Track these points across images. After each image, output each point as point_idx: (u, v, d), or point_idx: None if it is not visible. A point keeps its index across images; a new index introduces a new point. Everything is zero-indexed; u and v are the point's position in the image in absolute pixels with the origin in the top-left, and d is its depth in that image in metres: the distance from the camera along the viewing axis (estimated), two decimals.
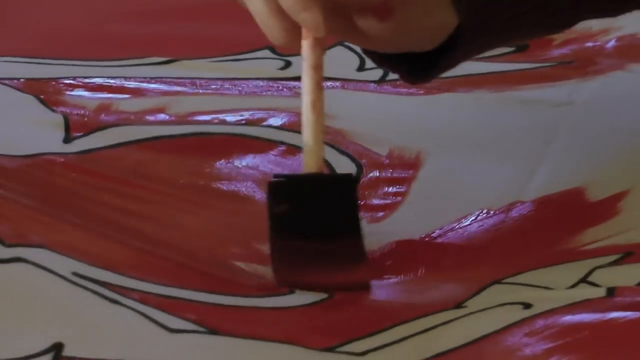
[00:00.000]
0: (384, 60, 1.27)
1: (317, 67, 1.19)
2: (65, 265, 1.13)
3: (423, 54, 1.26)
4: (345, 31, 1.21)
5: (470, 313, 1.11)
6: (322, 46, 1.19)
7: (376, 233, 1.23)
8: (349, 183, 1.22)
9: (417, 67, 1.27)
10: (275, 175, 1.22)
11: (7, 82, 1.43)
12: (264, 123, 1.39)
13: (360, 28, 1.21)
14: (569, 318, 1.09)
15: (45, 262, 1.13)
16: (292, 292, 1.18)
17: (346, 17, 1.20)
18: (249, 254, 1.22)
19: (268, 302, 1.15)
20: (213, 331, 1.09)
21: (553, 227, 1.25)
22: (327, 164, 1.32)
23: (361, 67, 1.49)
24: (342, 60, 1.50)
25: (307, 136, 1.19)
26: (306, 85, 1.20)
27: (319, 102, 1.20)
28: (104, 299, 1.10)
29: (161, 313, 1.09)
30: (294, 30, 1.18)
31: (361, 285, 1.18)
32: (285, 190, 1.21)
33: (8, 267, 1.13)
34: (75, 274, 1.12)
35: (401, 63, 1.28)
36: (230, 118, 1.39)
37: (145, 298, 1.12)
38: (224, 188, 1.31)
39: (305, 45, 1.19)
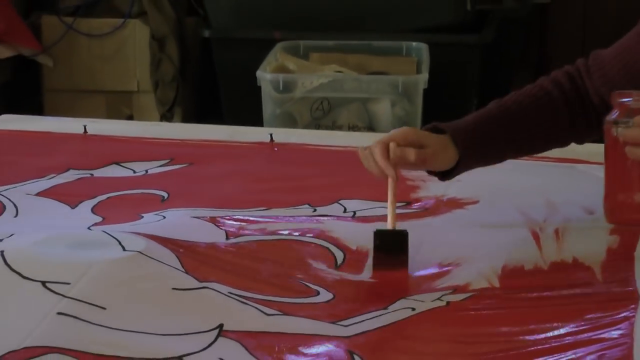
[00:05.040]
0: (431, 173, 1.28)
1: (394, 192, 1.21)
2: (225, 289, 1.14)
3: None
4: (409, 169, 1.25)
5: (393, 311, 1.14)
6: (395, 181, 1.21)
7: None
8: (404, 234, 1.23)
9: (444, 176, 1.28)
10: (377, 229, 1.24)
11: (200, 218, 1.38)
12: (306, 234, 1.34)
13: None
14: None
15: (216, 288, 1.14)
16: (318, 294, 1.19)
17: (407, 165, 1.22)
18: (302, 277, 1.23)
19: (309, 300, 1.17)
20: (285, 313, 1.12)
21: (425, 274, 1.25)
22: (330, 252, 1.31)
23: (345, 211, 1.43)
24: (337, 209, 1.43)
25: (389, 215, 1.22)
26: (389, 192, 1.21)
27: (393, 204, 1.21)
28: (241, 302, 1.13)
29: (264, 307, 1.12)
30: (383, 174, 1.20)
31: (401, 271, 1.22)
32: (380, 234, 1.23)
33: (201, 291, 1.13)
34: (230, 292, 1.14)
35: (437, 175, 1.28)
36: (295, 233, 1.34)
37: (257, 301, 1.14)
38: (288, 254, 1.29)
39: (390, 181, 1.21)
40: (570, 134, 1.32)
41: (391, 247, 1.23)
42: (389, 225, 1.23)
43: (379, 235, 1.23)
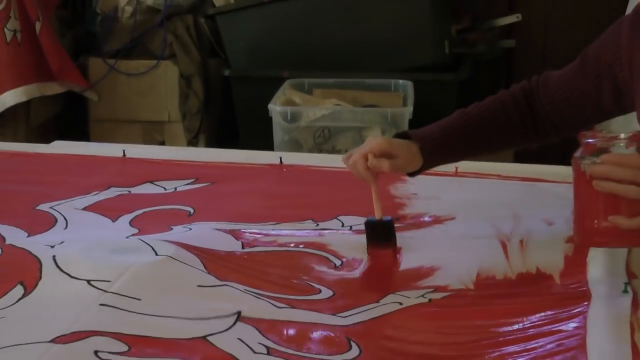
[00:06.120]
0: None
1: (377, 192, 1.24)
2: (242, 287, 1.15)
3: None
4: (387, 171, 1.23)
5: (384, 304, 1.14)
6: (376, 185, 1.23)
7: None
8: (391, 222, 1.26)
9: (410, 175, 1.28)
10: (367, 220, 1.26)
11: (222, 231, 1.36)
12: (309, 247, 1.32)
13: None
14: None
15: (235, 286, 1.15)
16: (320, 292, 1.18)
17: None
18: (307, 278, 1.22)
19: (313, 297, 1.17)
20: (293, 307, 1.12)
21: (410, 276, 1.24)
22: (330, 261, 1.30)
23: (342, 226, 1.41)
24: (336, 224, 1.41)
25: (375, 207, 1.24)
26: (373, 193, 1.24)
27: (377, 200, 1.24)
28: (255, 297, 1.13)
29: (275, 302, 1.12)
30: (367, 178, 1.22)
31: (392, 255, 1.24)
32: (370, 224, 1.26)
33: (222, 287, 1.14)
34: (246, 289, 1.14)
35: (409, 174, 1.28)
36: (300, 246, 1.32)
37: (269, 297, 1.14)
38: (294, 262, 1.27)
39: (372, 185, 1.25)
40: (521, 141, 1.31)
41: (380, 232, 1.26)
42: (377, 216, 1.25)
43: (370, 224, 1.26)
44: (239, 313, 1.06)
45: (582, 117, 1.25)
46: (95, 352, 0.93)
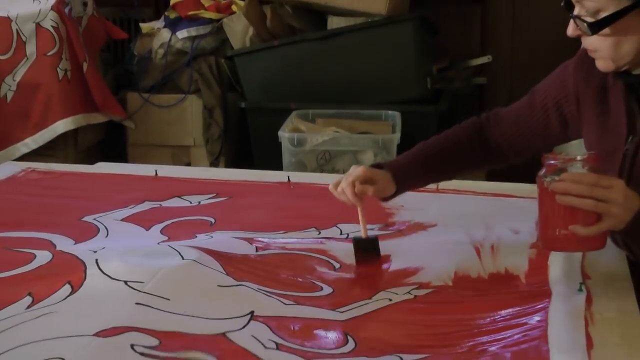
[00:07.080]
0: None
1: (363, 214, 1.23)
2: (255, 286, 1.13)
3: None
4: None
5: (375, 300, 1.14)
6: (362, 208, 1.23)
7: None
8: (376, 239, 1.25)
9: (385, 200, 1.28)
10: (354, 237, 1.25)
11: (239, 239, 1.35)
12: (313, 253, 1.31)
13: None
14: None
15: (249, 286, 1.13)
16: (321, 289, 1.17)
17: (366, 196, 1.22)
18: (311, 277, 1.21)
19: (315, 294, 1.16)
20: (298, 304, 1.11)
21: (398, 275, 1.22)
22: (330, 263, 1.29)
23: (341, 233, 1.39)
24: (335, 232, 1.41)
25: (362, 228, 1.23)
26: (360, 215, 1.23)
27: (363, 221, 1.23)
28: (266, 295, 1.12)
29: (284, 299, 1.11)
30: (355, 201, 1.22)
31: (376, 263, 1.22)
32: (357, 240, 1.25)
33: (238, 287, 1.12)
34: (259, 288, 1.13)
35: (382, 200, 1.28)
36: (304, 253, 1.31)
37: (278, 295, 1.13)
38: (299, 264, 1.26)
39: (359, 208, 1.24)
40: (475, 167, 1.33)
41: (366, 248, 1.25)
42: (363, 234, 1.25)
43: (357, 241, 1.26)
44: (252, 312, 1.06)
45: (531, 147, 1.28)
46: (132, 346, 0.93)
